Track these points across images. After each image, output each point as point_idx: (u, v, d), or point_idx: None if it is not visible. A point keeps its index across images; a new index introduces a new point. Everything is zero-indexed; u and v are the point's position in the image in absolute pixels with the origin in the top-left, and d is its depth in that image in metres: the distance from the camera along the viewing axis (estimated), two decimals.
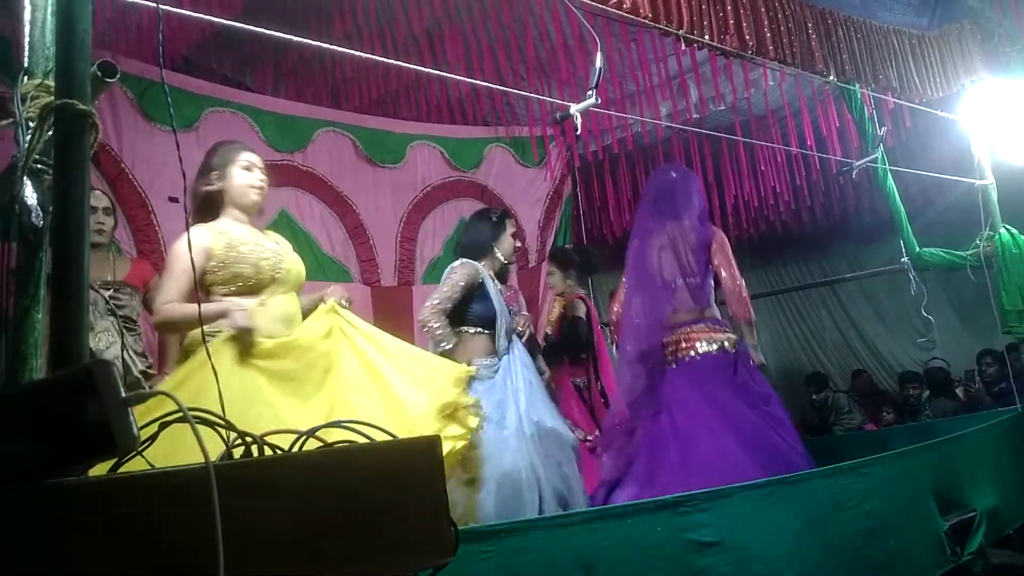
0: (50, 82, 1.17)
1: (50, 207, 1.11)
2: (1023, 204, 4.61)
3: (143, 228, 3.72)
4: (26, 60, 1.21)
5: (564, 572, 1.79)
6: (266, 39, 2.31)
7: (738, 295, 3.32)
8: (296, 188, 4.38)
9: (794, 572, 2.25)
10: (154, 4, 1.57)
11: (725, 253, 3.38)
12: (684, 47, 3.51)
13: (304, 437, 1.15)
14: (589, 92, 2.66)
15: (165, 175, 3.74)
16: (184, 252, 2.06)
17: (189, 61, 4.38)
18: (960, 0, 4.42)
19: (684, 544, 2.05)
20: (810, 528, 2.40)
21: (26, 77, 1.19)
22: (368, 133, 4.73)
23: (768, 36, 3.41)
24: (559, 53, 4.18)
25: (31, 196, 1.12)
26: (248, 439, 1.08)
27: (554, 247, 5.04)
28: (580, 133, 2.75)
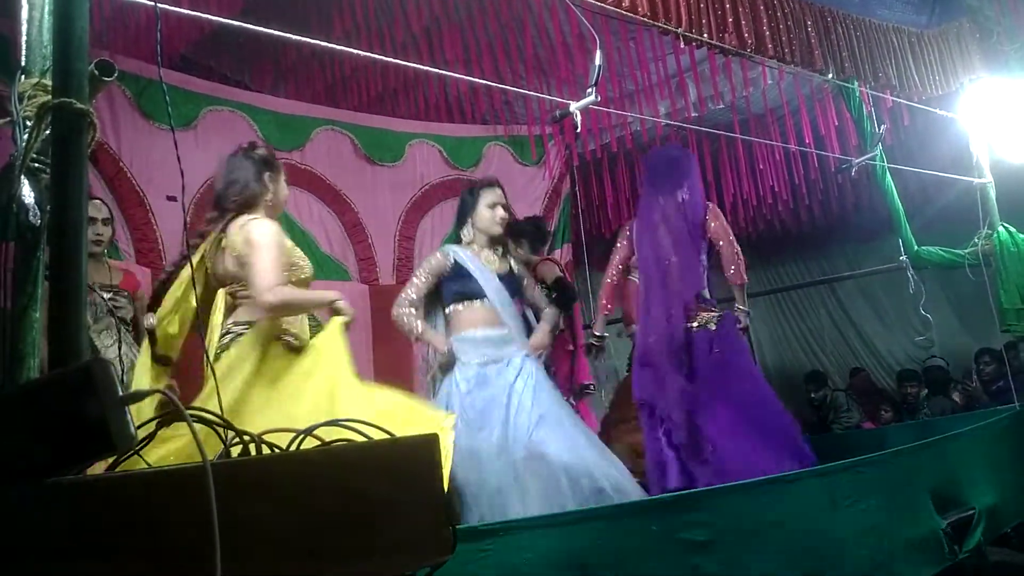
0: (47, 81, 1.16)
1: (47, 206, 1.11)
2: (1021, 202, 4.61)
3: (141, 227, 3.72)
4: (23, 59, 1.20)
5: (560, 570, 1.79)
6: (265, 38, 2.31)
7: (735, 259, 3.51)
8: (294, 187, 4.35)
9: (791, 571, 2.25)
10: (152, 3, 1.57)
11: (721, 223, 3.53)
12: (683, 45, 3.51)
13: (302, 436, 1.15)
14: (588, 90, 2.66)
15: (163, 174, 3.73)
16: (280, 237, 2.28)
17: (187, 60, 4.37)
18: None
19: (679, 543, 2.05)
20: (806, 527, 2.40)
21: (23, 76, 1.19)
22: (367, 132, 4.73)
23: (767, 34, 3.41)
24: (558, 51, 4.18)
25: (28, 195, 1.12)
26: (246, 438, 1.09)
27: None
28: (580, 131, 2.75)
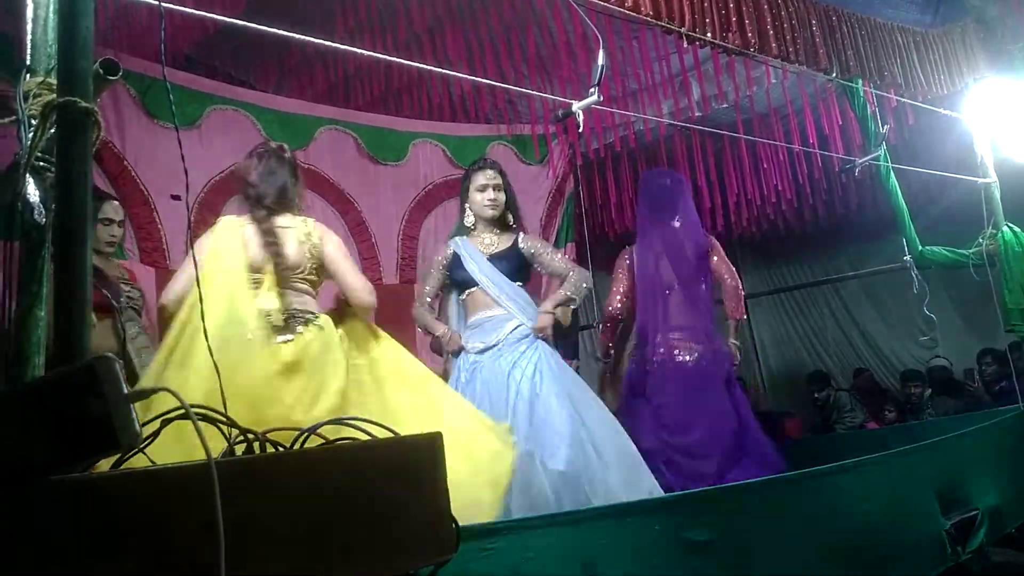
0: (52, 80, 1.17)
1: (52, 205, 1.11)
2: None
3: (145, 226, 3.72)
4: (28, 58, 1.21)
5: (563, 570, 1.79)
6: (268, 37, 2.30)
7: (737, 295, 3.63)
8: None
9: (793, 571, 2.25)
10: (156, 2, 1.57)
11: (723, 257, 3.64)
12: (686, 45, 3.51)
13: (306, 434, 1.15)
14: (591, 89, 2.66)
15: (167, 173, 3.74)
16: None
17: (191, 59, 4.38)
18: None
19: (682, 543, 2.04)
20: (810, 527, 2.40)
21: (28, 75, 1.19)
22: (370, 131, 4.72)
23: (771, 33, 3.40)
24: (561, 51, 4.18)
25: (33, 194, 1.12)
26: (250, 436, 1.09)
27: None
28: (582, 130, 2.75)
